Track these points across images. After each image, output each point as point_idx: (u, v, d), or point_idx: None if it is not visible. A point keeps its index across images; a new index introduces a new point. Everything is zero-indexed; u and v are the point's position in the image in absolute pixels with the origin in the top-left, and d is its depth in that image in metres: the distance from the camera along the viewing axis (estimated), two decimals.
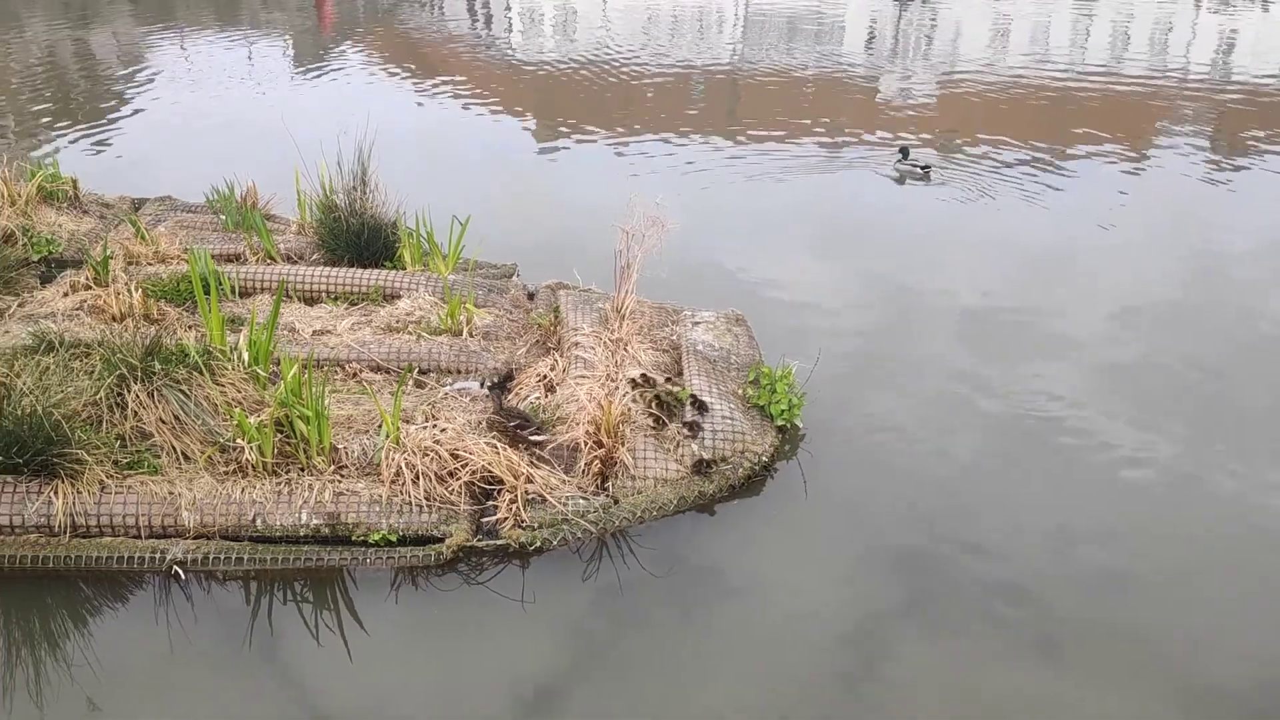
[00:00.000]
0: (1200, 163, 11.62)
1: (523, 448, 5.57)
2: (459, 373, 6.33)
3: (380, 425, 5.51)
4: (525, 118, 13.22)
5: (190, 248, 7.56)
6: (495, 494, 5.31)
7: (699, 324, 6.85)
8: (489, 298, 7.16)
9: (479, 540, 5.13)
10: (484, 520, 5.24)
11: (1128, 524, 5.50)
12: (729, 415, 5.80)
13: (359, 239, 7.54)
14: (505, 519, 5.17)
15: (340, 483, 5.26)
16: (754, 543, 5.32)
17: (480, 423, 5.77)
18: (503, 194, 9.97)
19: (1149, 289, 8.21)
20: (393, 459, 5.24)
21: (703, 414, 5.77)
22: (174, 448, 5.33)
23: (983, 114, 13.58)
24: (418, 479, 5.20)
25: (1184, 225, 9.78)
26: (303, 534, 5.13)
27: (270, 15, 20.60)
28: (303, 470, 5.31)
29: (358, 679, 4.53)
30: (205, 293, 6.04)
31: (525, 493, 5.24)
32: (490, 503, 5.29)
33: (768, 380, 6.06)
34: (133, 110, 13.32)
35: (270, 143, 9.72)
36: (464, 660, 4.63)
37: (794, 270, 8.44)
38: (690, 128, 12.51)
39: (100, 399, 5.34)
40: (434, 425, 5.53)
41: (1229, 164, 11.65)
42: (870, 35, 19.45)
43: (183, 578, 4.96)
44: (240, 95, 14.12)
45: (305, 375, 5.31)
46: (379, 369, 6.33)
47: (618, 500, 5.35)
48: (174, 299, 6.99)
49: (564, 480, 5.39)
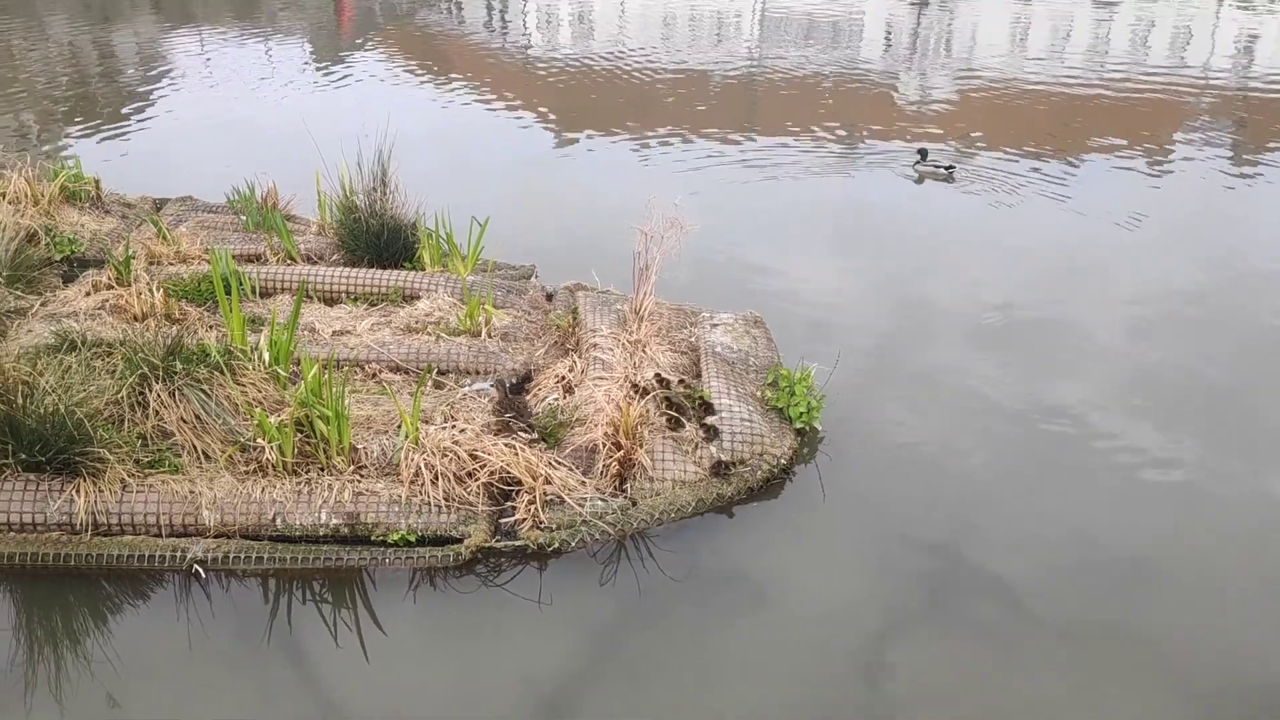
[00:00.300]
0: (1222, 164, 11.54)
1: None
2: (478, 373, 6.34)
3: (399, 425, 5.53)
4: (543, 118, 13.23)
5: (211, 248, 7.59)
6: (514, 495, 5.31)
7: (717, 326, 6.84)
8: (508, 299, 7.18)
9: (497, 541, 5.13)
10: (502, 521, 5.25)
11: (1146, 528, 5.48)
12: (747, 418, 5.79)
13: (379, 240, 7.56)
14: (523, 520, 5.18)
15: (360, 483, 5.28)
16: (772, 545, 5.31)
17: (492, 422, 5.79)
18: (520, 194, 9.98)
19: (1169, 291, 8.16)
20: (412, 459, 5.26)
21: (709, 415, 5.76)
22: (195, 447, 5.36)
23: (1001, 115, 13.53)
24: (436, 479, 5.21)
25: (1205, 227, 9.72)
26: (322, 534, 5.14)
27: (289, 15, 20.68)
28: (322, 470, 5.33)
29: (375, 679, 4.54)
30: (226, 293, 6.07)
31: (543, 494, 5.25)
32: (508, 503, 5.30)
33: (786, 383, 6.05)
34: (154, 110, 13.39)
35: (290, 143, 9.78)
36: (481, 661, 4.64)
37: (812, 271, 8.42)
38: (707, 128, 12.50)
39: (122, 398, 5.37)
40: (453, 426, 5.54)
41: (1251, 165, 11.57)
42: (888, 37, 19.39)
43: (203, 576, 4.98)
44: (260, 95, 14.17)
45: (325, 375, 5.32)
46: (398, 369, 6.35)
47: (636, 502, 5.36)
48: (195, 299, 7.04)
49: (582, 482, 5.39)
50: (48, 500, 5.11)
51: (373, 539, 5.14)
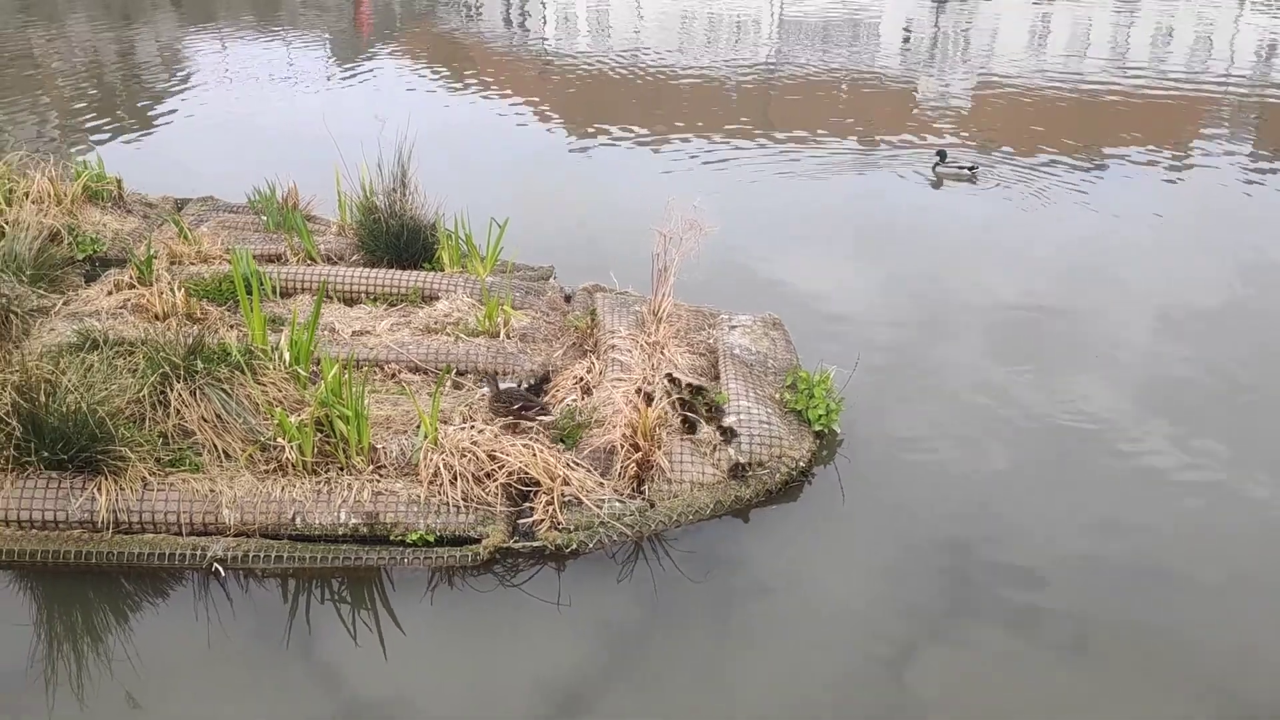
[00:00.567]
0: (1243, 167, 11.44)
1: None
2: (497, 374, 6.34)
3: (418, 426, 5.54)
4: (561, 119, 13.24)
5: (233, 248, 7.63)
6: (532, 495, 5.32)
7: (736, 328, 6.83)
8: (526, 300, 7.18)
9: (515, 542, 5.14)
10: (520, 522, 5.26)
11: (1167, 530, 5.45)
12: (766, 420, 5.78)
13: (398, 240, 7.59)
14: (541, 521, 5.19)
15: (379, 482, 5.30)
16: (790, 548, 5.29)
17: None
18: (539, 194, 9.99)
19: (1190, 295, 8.11)
20: (431, 459, 5.27)
21: (722, 417, 5.76)
22: (215, 446, 5.39)
23: (1020, 116, 13.46)
24: (455, 480, 5.22)
25: (1226, 229, 9.64)
26: (341, 533, 5.16)
27: (309, 15, 20.78)
28: (342, 470, 5.35)
29: (394, 678, 4.55)
30: (248, 293, 6.09)
31: (561, 495, 5.25)
32: (527, 504, 5.31)
33: (805, 385, 6.03)
34: (174, 110, 13.47)
35: (310, 143, 9.80)
36: (499, 661, 4.64)
37: (830, 272, 8.40)
38: (725, 129, 12.49)
39: (143, 397, 5.41)
40: (471, 426, 5.55)
41: (1271, 168, 11.47)
42: (906, 37, 19.33)
43: (222, 575, 5.01)
44: (280, 96, 14.24)
45: (345, 375, 5.34)
46: (417, 370, 6.37)
47: (654, 504, 5.35)
48: (216, 298, 7.07)
49: (600, 483, 5.39)
50: (69, 498, 5.15)
51: (391, 539, 5.16)
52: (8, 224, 7.68)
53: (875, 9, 21.70)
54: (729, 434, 5.69)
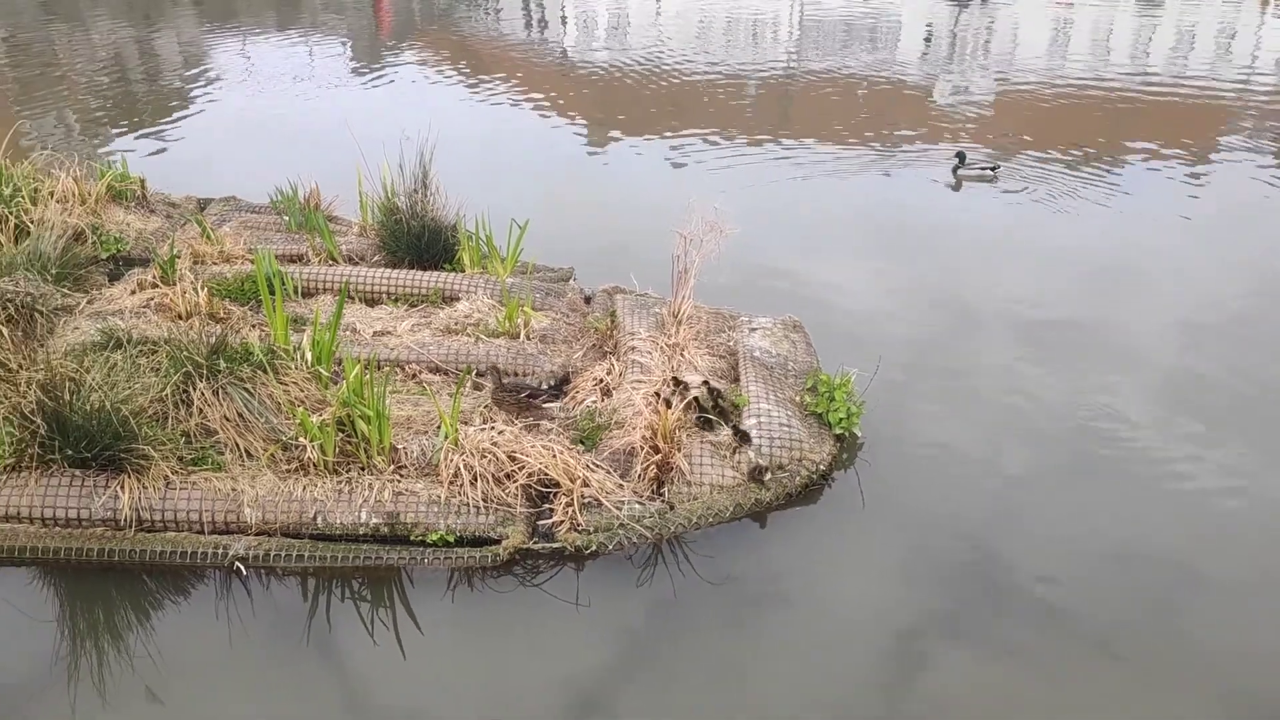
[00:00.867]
0: (1265, 170, 11.34)
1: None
2: (517, 375, 6.35)
3: (439, 426, 5.55)
4: (580, 119, 13.25)
5: (255, 248, 7.67)
6: (551, 497, 5.33)
7: (756, 330, 6.82)
8: (546, 301, 7.19)
9: (535, 543, 5.15)
10: (540, 523, 5.26)
11: (1188, 536, 5.40)
12: (786, 423, 5.76)
13: (419, 241, 7.61)
14: (561, 522, 5.19)
15: (399, 482, 5.31)
16: (810, 552, 5.28)
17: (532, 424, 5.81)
18: (558, 195, 10.00)
19: (1212, 299, 8.04)
20: (451, 460, 5.28)
21: (735, 416, 5.77)
22: (237, 445, 5.41)
23: (1041, 118, 13.39)
24: (475, 480, 5.24)
25: (1249, 234, 9.56)
26: (362, 533, 5.18)
27: (330, 16, 20.87)
28: (363, 469, 5.37)
29: (413, 677, 4.57)
30: (270, 293, 6.12)
31: (581, 496, 5.25)
32: (546, 505, 5.31)
33: (826, 388, 6.01)
34: (196, 110, 13.56)
35: (331, 144, 9.86)
36: (517, 662, 4.64)
37: (850, 274, 8.37)
38: (744, 130, 12.48)
39: (166, 396, 5.45)
40: (492, 427, 5.55)
41: None
42: (927, 39, 19.26)
43: (244, 574, 5.03)
44: (301, 95, 14.31)
45: (366, 376, 5.36)
46: (438, 370, 6.38)
47: (673, 506, 5.35)
48: (238, 298, 7.11)
49: (620, 485, 5.39)
50: (93, 496, 5.18)
51: (412, 539, 5.17)
52: (33, 223, 7.75)
53: (895, 11, 21.63)
54: (743, 437, 5.67)
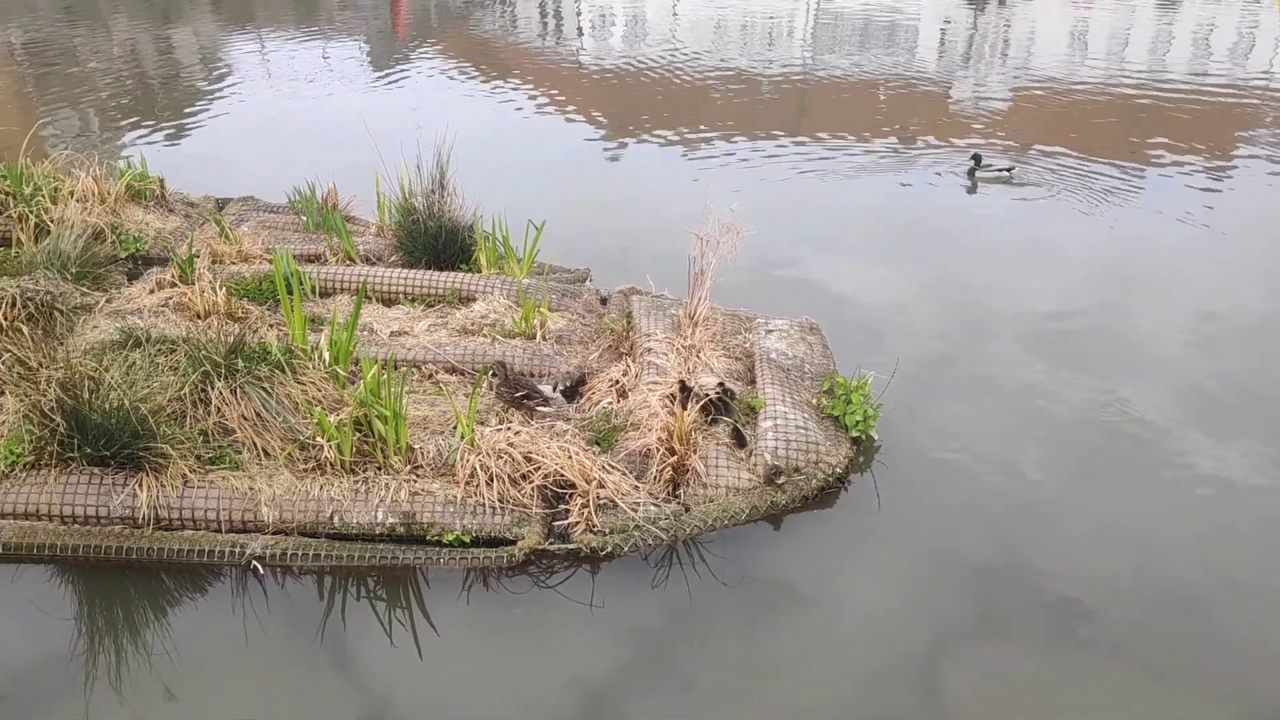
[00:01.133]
0: None
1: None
2: (533, 376, 6.36)
3: (455, 426, 5.56)
4: (595, 120, 13.26)
5: (273, 248, 7.70)
6: (567, 498, 5.33)
7: (772, 332, 6.80)
8: (562, 302, 7.20)
9: (550, 544, 5.14)
10: (555, 524, 5.26)
11: (1208, 542, 5.37)
12: (802, 425, 5.75)
13: (436, 242, 7.63)
14: (577, 523, 5.19)
15: (416, 483, 5.32)
16: (825, 555, 5.26)
17: (553, 425, 5.81)
18: (574, 196, 10.01)
19: (1232, 298, 8.00)
20: (467, 460, 5.29)
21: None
22: (255, 444, 5.43)
23: (1059, 120, 13.33)
24: (491, 481, 5.24)
25: (1267, 234, 9.49)
26: (378, 532, 5.19)
27: (346, 17, 20.94)
28: (380, 469, 5.38)
29: (427, 677, 4.57)
30: (288, 292, 6.14)
31: (597, 497, 5.25)
32: (562, 506, 5.31)
33: (843, 390, 5.99)
34: (214, 110, 13.63)
35: (348, 144, 9.89)
36: (532, 662, 4.65)
37: (867, 276, 8.35)
38: (760, 131, 12.46)
39: (184, 394, 5.47)
40: (508, 428, 5.56)
41: None
42: (944, 40, 19.20)
43: (261, 572, 5.05)
44: (318, 96, 14.36)
45: (383, 376, 5.37)
46: (454, 371, 6.39)
47: (689, 508, 5.34)
48: (256, 298, 7.14)
49: (635, 486, 5.39)
50: (111, 494, 5.21)
51: (428, 539, 5.18)
52: (53, 222, 7.80)
53: (913, 10, 21.57)
54: (740, 439, 5.66)
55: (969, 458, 6.00)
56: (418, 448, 5.49)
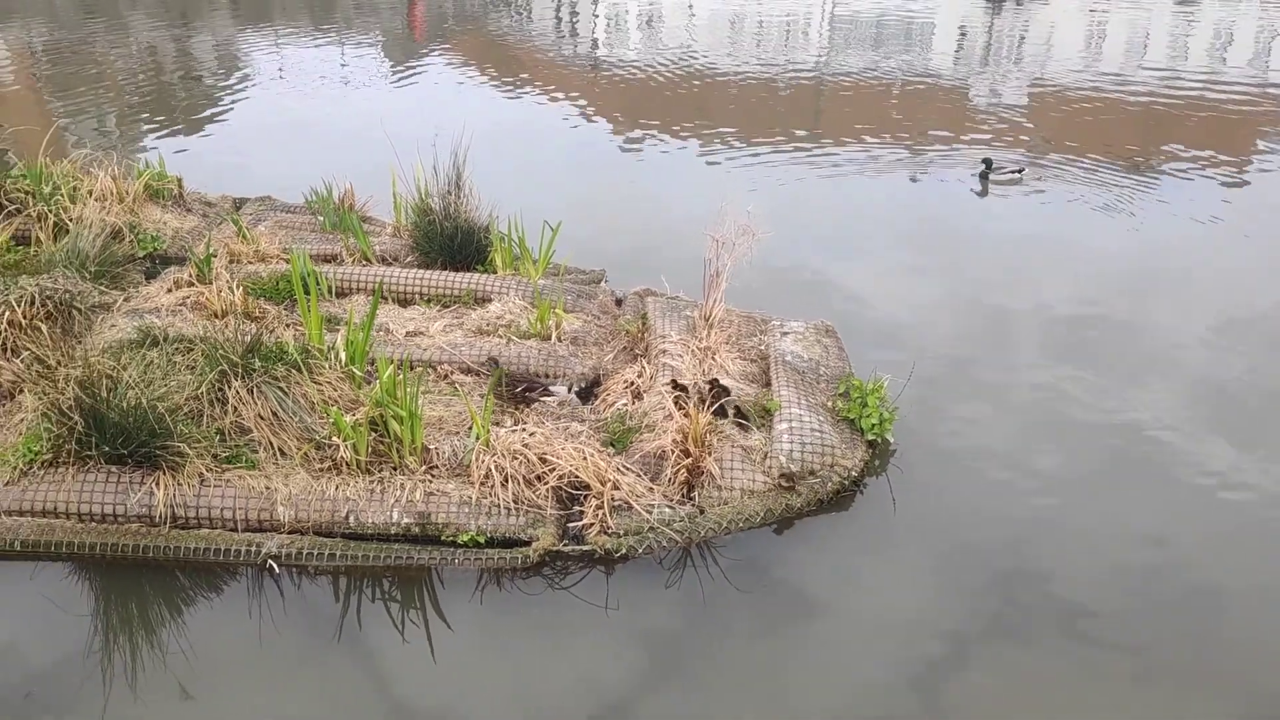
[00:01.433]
0: None
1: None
2: (548, 377, 6.36)
3: (470, 427, 5.56)
4: (611, 121, 13.26)
5: (290, 248, 7.73)
6: (582, 499, 5.32)
7: (788, 334, 6.78)
8: (578, 303, 7.20)
9: (565, 545, 5.14)
10: (570, 525, 5.26)
11: (1224, 547, 5.33)
12: (818, 428, 5.73)
13: (452, 242, 7.64)
14: (591, 525, 5.19)
15: (431, 483, 5.33)
16: (840, 558, 5.25)
17: (568, 426, 5.81)
18: (590, 197, 10.01)
19: (1249, 302, 7.96)
20: (482, 461, 5.29)
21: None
22: (271, 443, 5.44)
23: (1076, 121, 13.26)
24: (506, 482, 5.24)
25: None
26: (393, 532, 5.20)
27: (362, 18, 21.00)
28: (395, 469, 5.39)
29: (441, 677, 4.58)
30: (305, 293, 6.16)
31: (611, 499, 5.24)
32: (576, 508, 5.31)
33: (858, 393, 5.98)
34: (232, 110, 13.68)
35: (365, 144, 9.91)
36: (546, 664, 4.65)
37: (882, 278, 8.33)
38: (775, 131, 12.44)
39: (201, 394, 5.48)
40: (523, 429, 5.56)
41: None
42: (960, 40, 19.14)
43: (276, 572, 5.06)
44: (335, 96, 14.41)
45: (399, 376, 5.38)
46: (469, 371, 6.40)
47: (703, 510, 5.33)
48: (273, 297, 7.16)
49: (650, 488, 5.38)
50: (128, 492, 5.23)
51: (443, 539, 5.18)
52: (72, 221, 7.85)
53: (929, 11, 21.51)
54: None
55: (985, 461, 5.98)
56: (433, 448, 5.50)
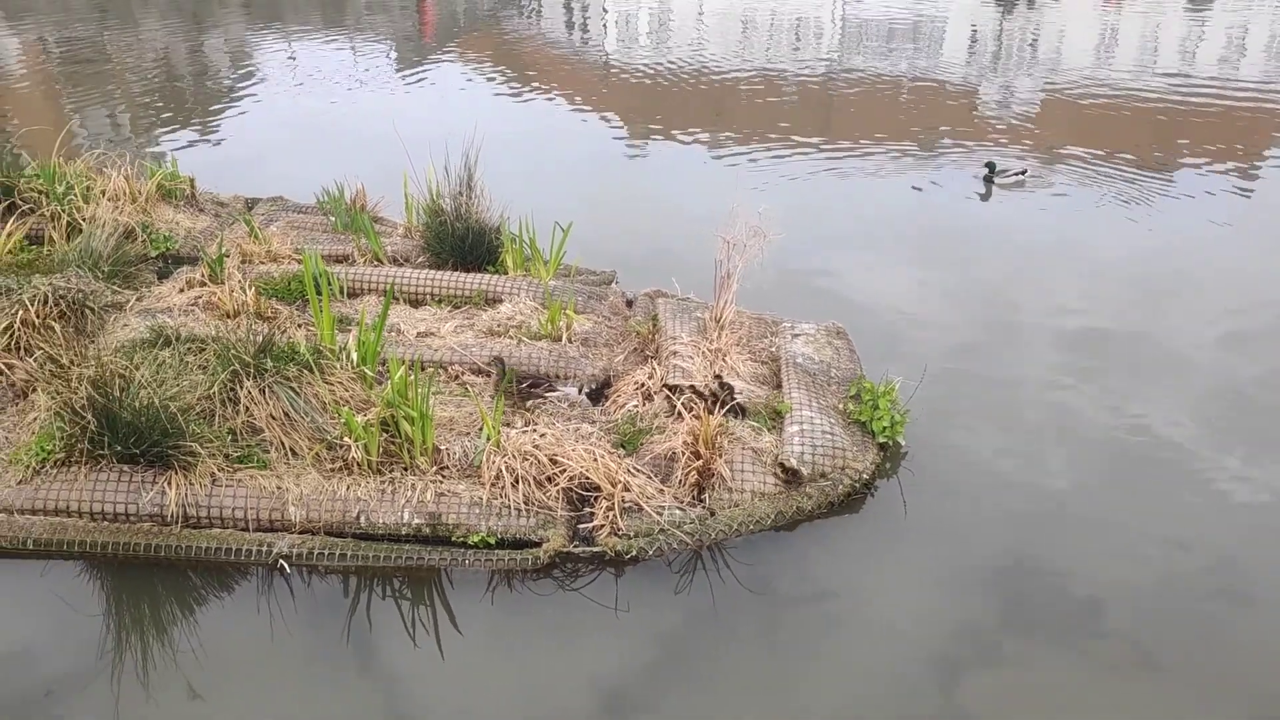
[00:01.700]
0: None
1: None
2: (558, 378, 6.36)
3: (481, 428, 5.57)
4: (622, 122, 13.26)
5: (302, 248, 7.74)
6: (592, 501, 5.32)
7: (799, 336, 6.77)
8: (588, 304, 7.20)
9: (575, 547, 5.15)
10: (580, 527, 5.26)
11: (1235, 551, 5.31)
12: (829, 430, 5.72)
13: (463, 243, 7.64)
14: (601, 526, 5.18)
15: (442, 483, 5.33)
16: (851, 561, 5.24)
17: (579, 428, 5.81)
18: (600, 198, 10.01)
19: (1262, 306, 7.91)
20: (493, 462, 5.29)
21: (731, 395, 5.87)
22: (283, 444, 5.46)
23: (1087, 123, 13.21)
24: (517, 483, 5.25)
25: None
26: (404, 533, 5.21)
27: (374, 19, 21.05)
28: (406, 470, 5.40)
29: (451, 678, 4.59)
30: (317, 293, 6.17)
31: (622, 501, 5.24)
32: (587, 509, 5.31)
33: (870, 396, 5.96)
34: (244, 110, 13.73)
35: (376, 145, 9.93)
36: (555, 665, 4.65)
37: (893, 281, 8.31)
38: (785, 132, 12.43)
39: (213, 393, 5.50)
40: (533, 430, 5.56)
41: None
42: (971, 42, 19.09)
43: (287, 571, 5.07)
44: (346, 97, 14.43)
45: (410, 376, 5.39)
46: (480, 372, 6.40)
47: (714, 512, 5.32)
48: (285, 297, 7.18)
49: (660, 490, 5.38)
50: (140, 491, 5.25)
51: (453, 540, 5.19)
52: (85, 221, 7.88)
53: (940, 13, 21.46)
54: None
55: (997, 464, 5.97)
56: (444, 449, 5.50)
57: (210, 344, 5.79)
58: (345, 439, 5.37)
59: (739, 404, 5.89)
